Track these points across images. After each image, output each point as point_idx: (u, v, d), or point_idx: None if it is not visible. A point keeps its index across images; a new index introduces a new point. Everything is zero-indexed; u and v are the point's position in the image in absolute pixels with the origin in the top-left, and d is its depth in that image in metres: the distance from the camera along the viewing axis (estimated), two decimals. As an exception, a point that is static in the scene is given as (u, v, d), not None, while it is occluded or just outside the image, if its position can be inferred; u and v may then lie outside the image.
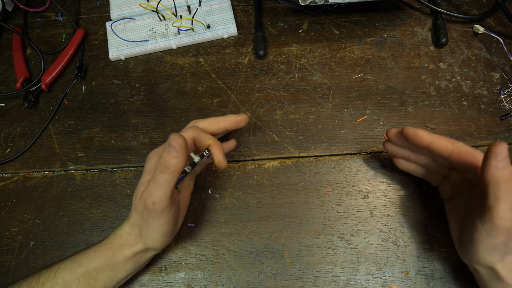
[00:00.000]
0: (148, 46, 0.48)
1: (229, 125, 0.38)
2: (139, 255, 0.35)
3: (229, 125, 0.38)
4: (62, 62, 0.47)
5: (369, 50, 0.47)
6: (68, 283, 0.33)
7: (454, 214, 0.36)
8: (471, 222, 0.31)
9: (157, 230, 0.33)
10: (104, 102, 0.46)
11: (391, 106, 0.44)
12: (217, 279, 0.39)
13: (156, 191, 0.31)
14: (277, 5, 0.50)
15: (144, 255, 0.35)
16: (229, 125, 0.38)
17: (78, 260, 0.34)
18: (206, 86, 0.46)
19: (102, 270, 0.34)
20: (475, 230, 0.30)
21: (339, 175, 0.42)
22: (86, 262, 0.34)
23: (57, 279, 0.33)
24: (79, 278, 0.33)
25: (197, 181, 0.42)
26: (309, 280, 0.38)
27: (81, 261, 0.34)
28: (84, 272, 0.33)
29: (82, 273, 0.33)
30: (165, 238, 0.34)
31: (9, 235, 0.41)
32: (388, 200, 0.41)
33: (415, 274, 0.38)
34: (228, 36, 0.49)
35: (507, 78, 0.45)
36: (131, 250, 0.34)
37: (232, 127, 0.38)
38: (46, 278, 0.33)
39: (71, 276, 0.33)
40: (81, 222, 0.41)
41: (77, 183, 0.43)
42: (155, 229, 0.33)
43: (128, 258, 0.34)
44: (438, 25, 0.47)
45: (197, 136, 0.35)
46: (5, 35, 0.51)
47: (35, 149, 0.45)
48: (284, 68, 0.47)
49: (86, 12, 0.51)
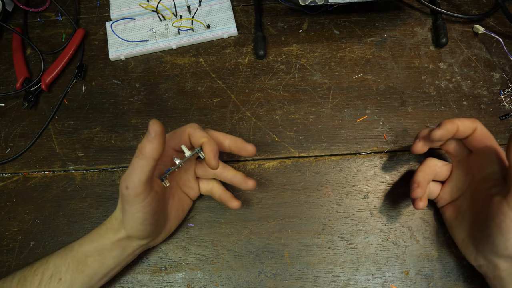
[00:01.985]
0: (148, 46, 0.48)
1: (233, 146, 0.37)
2: (124, 242, 0.34)
3: (233, 146, 0.37)
4: (62, 62, 0.47)
5: (369, 50, 0.47)
6: (58, 267, 0.34)
7: (458, 216, 0.36)
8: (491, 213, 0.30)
9: (133, 217, 0.32)
10: (104, 102, 0.46)
11: (391, 106, 0.44)
12: (217, 279, 0.39)
13: (130, 176, 0.30)
14: (277, 5, 0.50)
15: (128, 243, 0.35)
16: (233, 146, 0.37)
17: (69, 247, 0.35)
18: (206, 86, 0.46)
19: (90, 254, 0.34)
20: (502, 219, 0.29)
21: (339, 175, 0.42)
22: (76, 247, 0.35)
23: (48, 264, 0.34)
24: (68, 263, 0.34)
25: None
26: (309, 280, 0.38)
27: (72, 246, 0.35)
28: (74, 256, 0.34)
29: (72, 257, 0.34)
30: (144, 227, 0.33)
31: (9, 235, 0.41)
32: (388, 200, 0.41)
33: (415, 274, 0.38)
34: (228, 36, 0.49)
35: (507, 78, 0.45)
36: (116, 235, 0.34)
37: (235, 150, 0.37)
38: (39, 265, 0.34)
39: (61, 260, 0.34)
40: (81, 222, 0.41)
41: (77, 183, 0.43)
42: (131, 216, 0.32)
43: (114, 243, 0.34)
44: (438, 25, 0.47)
45: (193, 132, 0.35)
46: (5, 35, 0.51)
47: (35, 149, 0.45)
48: (284, 68, 0.47)
49: (86, 12, 0.51)
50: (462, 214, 0.36)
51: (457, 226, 0.36)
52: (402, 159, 0.42)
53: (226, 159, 0.43)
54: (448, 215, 0.37)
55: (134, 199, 0.31)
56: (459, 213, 0.36)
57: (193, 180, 0.39)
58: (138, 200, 0.31)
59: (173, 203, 0.38)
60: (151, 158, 0.30)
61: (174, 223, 0.38)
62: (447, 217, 0.37)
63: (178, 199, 0.38)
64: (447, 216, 0.37)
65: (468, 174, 0.36)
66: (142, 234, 0.34)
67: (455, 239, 0.37)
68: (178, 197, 0.38)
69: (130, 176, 0.30)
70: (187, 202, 0.39)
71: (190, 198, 0.40)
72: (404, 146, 0.43)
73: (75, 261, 0.34)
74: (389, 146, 0.43)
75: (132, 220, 0.32)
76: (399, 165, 0.42)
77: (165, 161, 0.35)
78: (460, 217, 0.36)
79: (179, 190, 0.39)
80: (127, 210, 0.32)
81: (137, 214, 0.32)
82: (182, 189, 0.39)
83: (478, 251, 0.34)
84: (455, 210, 0.37)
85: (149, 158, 0.30)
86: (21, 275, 0.34)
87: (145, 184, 0.31)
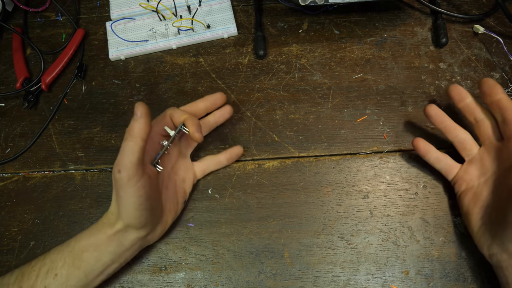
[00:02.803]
0: (148, 46, 0.48)
1: (207, 103, 0.41)
2: (121, 235, 0.34)
3: (207, 103, 0.41)
4: (62, 62, 0.47)
5: (369, 50, 0.47)
6: (55, 262, 0.34)
7: (477, 204, 0.35)
8: None
9: (128, 202, 0.32)
10: (104, 102, 0.46)
11: (391, 106, 0.45)
12: (217, 279, 0.39)
13: (121, 159, 0.31)
14: (277, 5, 0.50)
15: (125, 235, 0.34)
16: (206, 103, 0.41)
17: (66, 242, 0.35)
18: (206, 86, 0.46)
19: (86, 249, 0.34)
20: None
21: (339, 175, 0.42)
22: (73, 243, 0.35)
23: (45, 260, 0.34)
24: (65, 258, 0.34)
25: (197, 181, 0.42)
26: (309, 280, 0.38)
27: (68, 242, 0.35)
28: (70, 252, 0.34)
29: (68, 253, 0.34)
30: (140, 213, 0.33)
31: (9, 235, 0.41)
32: (388, 200, 0.41)
33: (415, 274, 0.38)
34: (228, 36, 0.49)
35: (507, 78, 0.45)
36: (112, 228, 0.34)
37: (211, 105, 0.41)
38: (37, 261, 0.35)
39: (58, 256, 0.34)
40: (81, 222, 0.41)
41: (77, 183, 0.43)
42: (126, 201, 0.32)
43: (110, 237, 0.34)
44: (438, 25, 0.47)
45: (173, 112, 0.37)
46: (5, 35, 0.51)
47: (35, 149, 0.45)
48: (284, 68, 0.47)
49: (86, 12, 0.51)
50: (481, 202, 0.35)
51: (475, 213, 0.35)
52: (402, 159, 0.42)
53: (226, 159, 0.43)
54: (466, 202, 0.37)
55: (127, 182, 0.31)
56: (477, 201, 0.35)
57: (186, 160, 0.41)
58: (131, 183, 0.31)
59: (167, 194, 0.38)
60: (139, 137, 0.31)
61: (170, 215, 0.38)
62: (464, 204, 0.37)
63: (172, 191, 0.38)
64: (465, 203, 0.37)
65: (495, 161, 0.35)
66: (139, 221, 0.34)
67: (469, 226, 0.36)
68: (172, 189, 0.38)
69: (121, 160, 0.31)
70: (182, 194, 0.39)
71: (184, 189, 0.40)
72: (404, 146, 0.43)
73: (71, 256, 0.34)
74: (389, 146, 0.43)
75: (127, 205, 0.32)
76: (399, 165, 0.42)
77: (155, 147, 0.36)
78: (479, 205, 0.35)
79: (172, 182, 0.39)
80: (121, 196, 0.32)
81: (131, 198, 0.32)
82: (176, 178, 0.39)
83: (494, 240, 0.33)
84: (475, 198, 0.36)
85: (137, 138, 0.31)
86: (19, 272, 0.34)
87: (137, 166, 0.31)
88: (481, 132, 0.37)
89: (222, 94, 0.42)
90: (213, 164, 0.42)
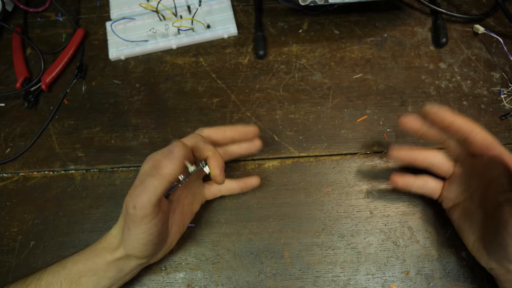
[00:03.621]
0: (148, 46, 0.48)
1: (236, 135, 0.36)
2: (121, 262, 0.33)
3: (236, 135, 0.36)
4: (62, 62, 0.47)
5: (369, 50, 0.47)
6: (51, 285, 0.32)
7: (467, 219, 0.35)
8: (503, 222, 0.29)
9: (136, 237, 0.31)
10: (104, 102, 0.46)
11: (391, 106, 0.45)
12: (217, 279, 0.39)
13: (140, 195, 0.29)
14: (277, 5, 0.50)
15: (126, 262, 0.33)
16: (236, 134, 0.36)
17: (63, 263, 0.33)
18: (206, 86, 0.46)
19: (84, 274, 0.32)
20: None
21: (339, 175, 0.42)
22: (70, 265, 0.33)
23: (40, 281, 0.32)
24: (61, 281, 0.32)
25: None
26: (309, 280, 0.38)
27: (65, 264, 0.33)
28: (67, 275, 0.32)
29: (65, 276, 0.32)
30: (146, 248, 0.32)
31: (9, 235, 0.41)
32: (388, 200, 0.41)
33: (415, 274, 0.38)
34: (228, 36, 0.49)
35: (507, 78, 0.45)
36: (113, 255, 0.32)
37: (240, 137, 0.37)
38: (32, 280, 0.33)
39: (54, 278, 0.32)
40: (81, 222, 0.41)
41: (77, 183, 0.43)
42: (134, 236, 0.31)
43: (110, 263, 0.32)
44: (438, 25, 0.47)
45: (197, 145, 0.33)
46: (5, 35, 0.51)
47: (35, 149, 0.45)
48: (284, 68, 0.47)
49: (86, 12, 0.51)
50: (470, 216, 0.35)
51: (466, 228, 0.35)
52: (402, 159, 0.42)
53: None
54: (456, 218, 0.36)
55: (141, 220, 0.29)
56: (467, 216, 0.35)
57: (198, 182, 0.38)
58: (145, 222, 0.30)
59: (174, 217, 0.36)
60: (167, 179, 0.29)
61: (175, 238, 0.37)
62: (455, 220, 0.36)
63: (179, 213, 0.37)
64: (455, 219, 0.36)
65: (473, 176, 0.35)
66: (144, 254, 0.32)
67: (465, 241, 0.36)
68: (180, 211, 0.37)
69: (139, 195, 0.29)
70: (189, 216, 0.38)
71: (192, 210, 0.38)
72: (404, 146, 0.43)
73: (68, 280, 0.32)
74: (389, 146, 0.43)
75: (135, 240, 0.31)
76: (399, 165, 0.42)
77: None
78: (469, 219, 0.35)
79: (181, 205, 0.37)
80: (130, 230, 0.30)
81: (141, 234, 0.30)
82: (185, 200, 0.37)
83: (489, 255, 0.33)
84: (463, 213, 0.35)
85: (164, 179, 0.29)
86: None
87: (155, 206, 0.29)
88: (450, 151, 0.36)
89: (256, 128, 0.37)
90: (225, 189, 0.39)
